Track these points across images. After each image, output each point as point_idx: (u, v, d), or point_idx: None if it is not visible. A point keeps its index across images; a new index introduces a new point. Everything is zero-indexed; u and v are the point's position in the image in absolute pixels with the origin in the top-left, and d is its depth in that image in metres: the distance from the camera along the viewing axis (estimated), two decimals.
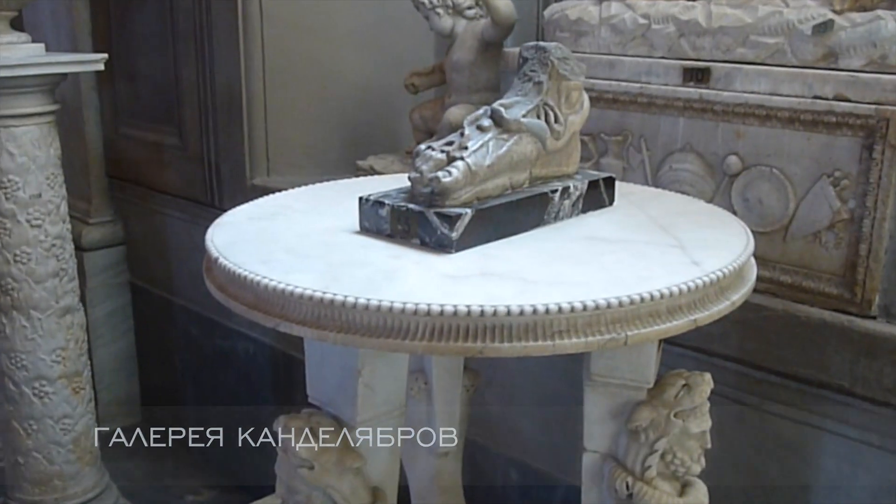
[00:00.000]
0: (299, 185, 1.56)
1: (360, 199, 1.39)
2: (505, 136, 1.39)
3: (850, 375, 1.73)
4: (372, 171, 2.89)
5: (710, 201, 1.86)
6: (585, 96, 1.51)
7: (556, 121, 1.45)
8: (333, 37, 3.10)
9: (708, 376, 1.44)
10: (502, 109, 1.39)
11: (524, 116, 1.41)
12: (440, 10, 2.65)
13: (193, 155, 3.27)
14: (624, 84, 2.00)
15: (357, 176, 2.91)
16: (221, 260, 1.26)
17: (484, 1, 2.47)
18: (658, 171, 1.98)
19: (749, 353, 1.86)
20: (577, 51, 2.14)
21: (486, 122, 1.38)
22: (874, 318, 1.71)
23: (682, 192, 1.90)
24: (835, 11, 1.73)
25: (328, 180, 3.00)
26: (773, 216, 1.81)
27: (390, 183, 1.76)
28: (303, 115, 3.14)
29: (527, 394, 2.33)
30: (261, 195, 1.64)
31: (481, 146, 1.36)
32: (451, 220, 1.28)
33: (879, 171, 1.64)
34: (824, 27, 1.71)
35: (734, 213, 1.84)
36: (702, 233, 1.41)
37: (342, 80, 3.15)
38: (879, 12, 1.67)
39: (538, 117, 1.43)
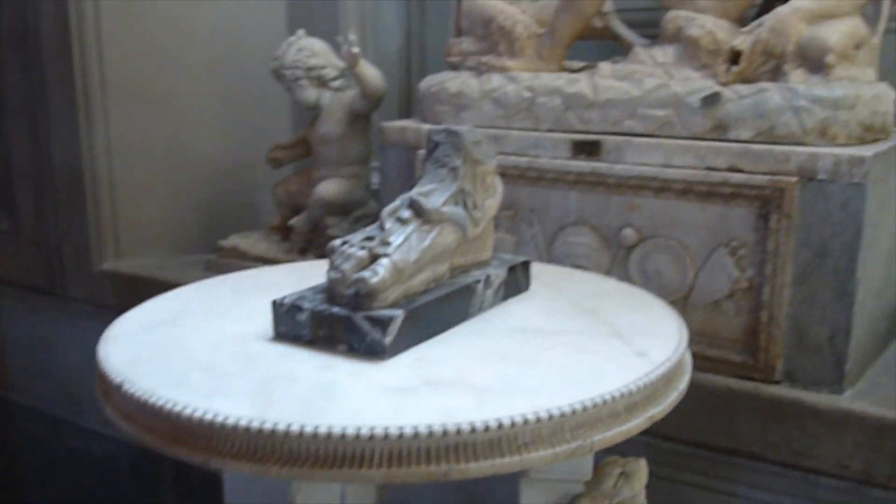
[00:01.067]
0: (154, 268, 1.43)
1: (274, 302, 1.27)
2: (426, 227, 1.31)
3: (759, 441, 1.75)
4: (235, 251, 2.75)
5: (607, 274, 1.87)
6: (498, 178, 1.47)
7: (475, 207, 1.39)
8: (184, 108, 2.93)
9: (643, 462, 1.41)
10: (422, 199, 1.31)
11: (443, 205, 1.34)
12: (304, 82, 2.57)
13: (29, 239, 2.99)
14: (512, 158, 1.98)
15: (220, 256, 2.76)
16: (127, 386, 1.10)
17: (353, 72, 2.40)
18: (551, 244, 1.97)
19: (658, 424, 1.84)
20: (460, 123, 2.10)
21: (406, 214, 1.31)
22: (779, 382, 1.74)
23: (578, 267, 1.90)
24: (720, 83, 1.78)
25: (189, 259, 2.87)
26: (672, 287, 1.82)
27: (284, 274, 1.65)
28: (154, 191, 2.94)
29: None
30: (110, 281, 1.48)
31: (405, 240, 1.27)
32: (382, 324, 1.19)
33: (776, 240, 1.68)
34: (712, 100, 1.76)
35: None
36: (631, 316, 1.38)
37: (196, 153, 2.98)
38: (763, 84, 1.73)
39: (456, 204, 1.37)
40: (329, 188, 2.54)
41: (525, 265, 1.51)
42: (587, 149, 1.89)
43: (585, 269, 1.88)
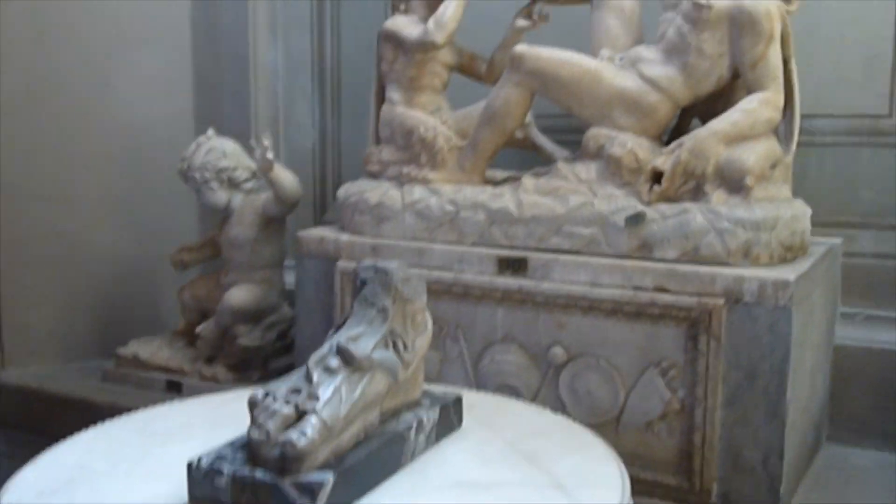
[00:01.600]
0: (45, 378, 1.30)
1: (190, 465, 1.17)
2: (356, 376, 1.24)
3: None
4: (136, 360, 2.59)
5: (536, 393, 1.83)
6: (428, 314, 1.41)
7: (406, 348, 1.33)
8: (82, 204, 2.79)
9: None
10: (350, 347, 1.24)
11: (373, 350, 1.27)
12: (214, 184, 2.47)
13: None
14: (436, 273, 1.93)
15: (118, 365, 2.60)
16: None
17: (267, 177, 2.33)
18: (479, 362, 1.92)
19: None
20: (381, 236, 2.06)
21: (334, 363, 1.23)
22: None
23: (508, 385, 1.85)
24: (643, 202, 1.78)
25: (85, 367, 2.68)
26: (604, 407, 1.79)
27: (196, 411, 1.54)
28: (47, 294, 2.77)
29: None
30: None
31: (333, 393, 1.20)
32: (311, 492, 1.10)
33: (706, 362, 1.68)
34: (636, 220, 1.76)
35: (563, 405, 1.80)
36: (570, 461, 1.33)
37: (95, 252, 2.83)
38: (686, 205, 1.75)
39: (387, 348, 1.30)
40: (239, 295, 2.44)
41: (457, 402, 1.45)
42: (513, 266, 1.86)
43: (515, 388, 1.84)
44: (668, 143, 1.92)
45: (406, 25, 2.09)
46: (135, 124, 2.86)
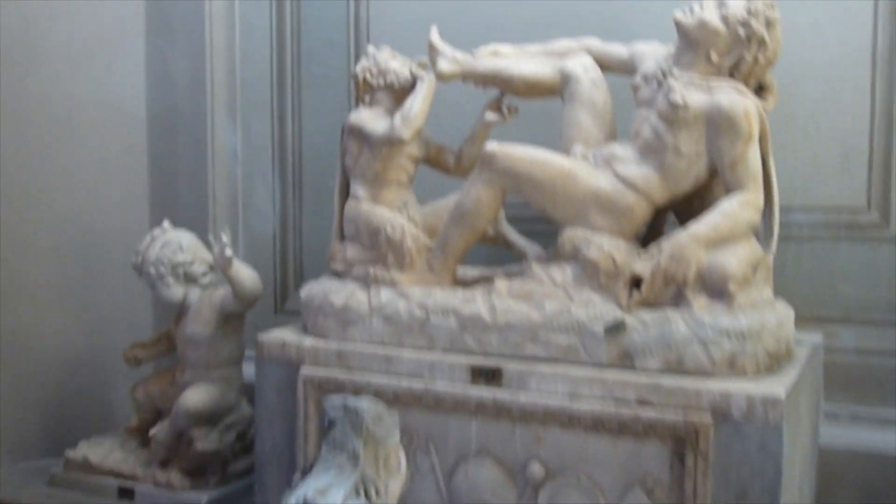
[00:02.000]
0: None
1: None
2: None
3: None
4: (86, 464, 2.44)
5: None
6: (402, 452, 1.31)
7: (378, 494, 1.22)
8: (30, 296, 2.65)
9: None
10: (319, 502, 1.14)
11: (343, 502, 1.16)
12: (170, 279, 2.36)
13: None
14: (405, 381, 1.83)
15: (67, 469, 2.43)
16: None
17: (226, 275, 2.22)
18: (451, 477, 1.81)
19: None
20: (347, 340, 1.95)
21: None
22: None
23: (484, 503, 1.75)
24: (622, 308, 1.71)
25: (32, 467, 2.51)
26: None
27: None
28: None
29: None
30: None
31: None
32: None
33: (694, 481, 1.59)
34: (616, 329, 1.68)
35: None
36: None
37: (42, 348, 2.68)
38: (669, 313, 1.67)
39: (358, 496, 1.19)
40: (195, 397, 2.31)
41: None
42: (487, 375, 1.76)
43: None
44: (644, 240, 1.87)
45: (371, 119, 2.02)
46: (87, 211, 2.75)
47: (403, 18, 2.50)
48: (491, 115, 2.05)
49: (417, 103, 1.96)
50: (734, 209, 1.70)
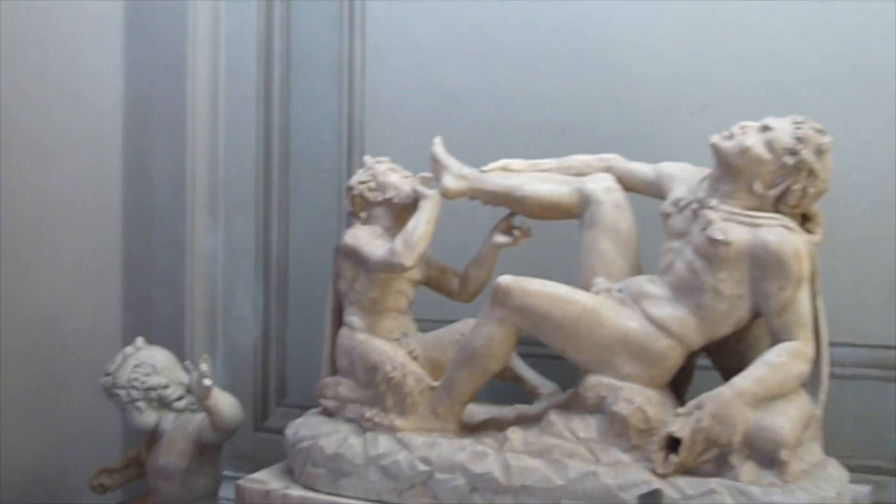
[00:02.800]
0: None
1: None
2: None
3: None
4: None
5: None
6: None
7: None
8: None
9: None
10: None
11: None
12: (141, 404, 2.12)
13: None
14: None
15: None
16: None
17: (203, 405, 1.98)
18: None
19: None
20: (339, 492, 1.71)
21: None
22: None
23: None
24: (657, 474, 1.48)
25: None
26: None
27: None
28: None
29: None
30: None
31: None
32: None
33: None
34: (652, 500, 1.45)
35: None
36: None
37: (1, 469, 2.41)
38: (712, 483, 1.45)
39: None
40: None
41: None
42: None
43: None
44: (674, 384, 1.65)
45: (369, 241, 1.82)
46: (55, 316, 2.49)
47: (401, 121, 2.33)
48: (500, 238, 1.87)
49: (421, 226, 1.75)
50: (783, 361, 1.50)
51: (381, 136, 2.34)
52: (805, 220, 1.61)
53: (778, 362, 1.50)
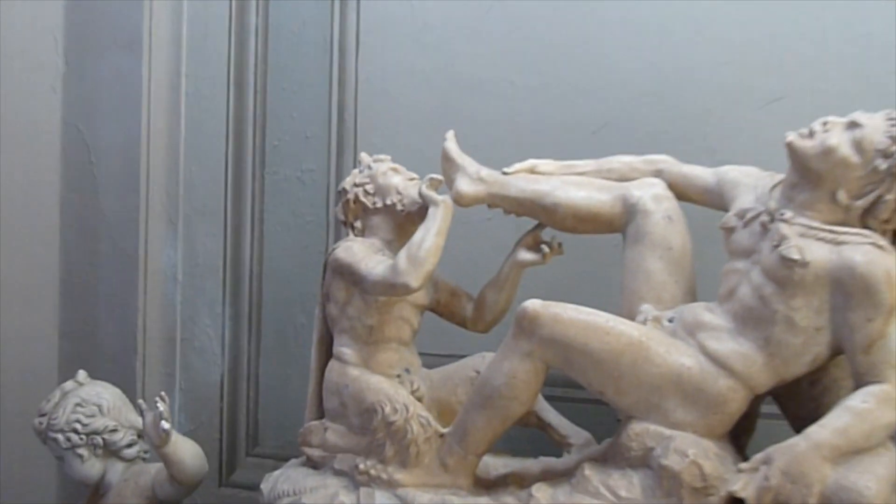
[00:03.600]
0: None
1: None
2: None
3: None
4: None
5: None
6: None
7: None
8: None
9: None
10: None
11: None
12: (83, 451, 2.17)
13: None
14: None
15: None
16: None
17: (160, 452, 2.01)
18: None
19: None
20: None
21: None
22: None
23: None
24: None
25: None
26: None
27: None
28: None
29: None
30: None
31: None
32: None
33: None
34: None
35: None
36: None
37: None
38: None
39: None
40: None
41: None
42: None
43: None
44: (735, 434, 1.66)
45: (365, 256, 1.84)
46: None
47: (404, 112, 2.37)
48: (526, 255, 1.89)
49: (430, 238, 1.76)
50: (869, 408, 1.51)
51: (379, 129, 2.37)
52: None
53: (863, 409, 1.50)
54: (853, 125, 1.57)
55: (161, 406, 1.96)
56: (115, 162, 2.64)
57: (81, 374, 2.22)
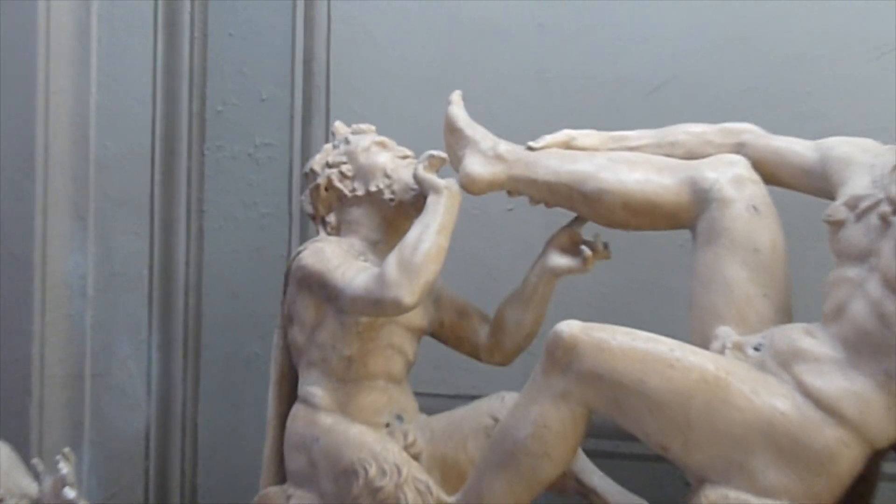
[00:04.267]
0: None
1: None
2: None
3: None
4: None
5: None
6: None
7: None
8: None
9: None
10: None
11: None
12: None
13: None
14: None
15: None
16: None
17: None
18: None
19: None
20: None
21: None
22: None
23: None
24: None
25: None
26: None
27: None
28: None
29: None
30: None
31: None
32: None
33: None
34: None
35: None
36: None
37: None
38: None
39: None
40: None
41: None
42: None
43: None
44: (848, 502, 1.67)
45: (341, 263, 1.86)
46: None
47: (391, 66, 2.40)
48: (560, 259, 1.91)
49: (429, 239, 1.78)
50: None
51: (360, 89, 2.40)
52: None
53: None
54: None
55: (64, 467, 1.98)
56: (6, 141, 2.65)
57: None
